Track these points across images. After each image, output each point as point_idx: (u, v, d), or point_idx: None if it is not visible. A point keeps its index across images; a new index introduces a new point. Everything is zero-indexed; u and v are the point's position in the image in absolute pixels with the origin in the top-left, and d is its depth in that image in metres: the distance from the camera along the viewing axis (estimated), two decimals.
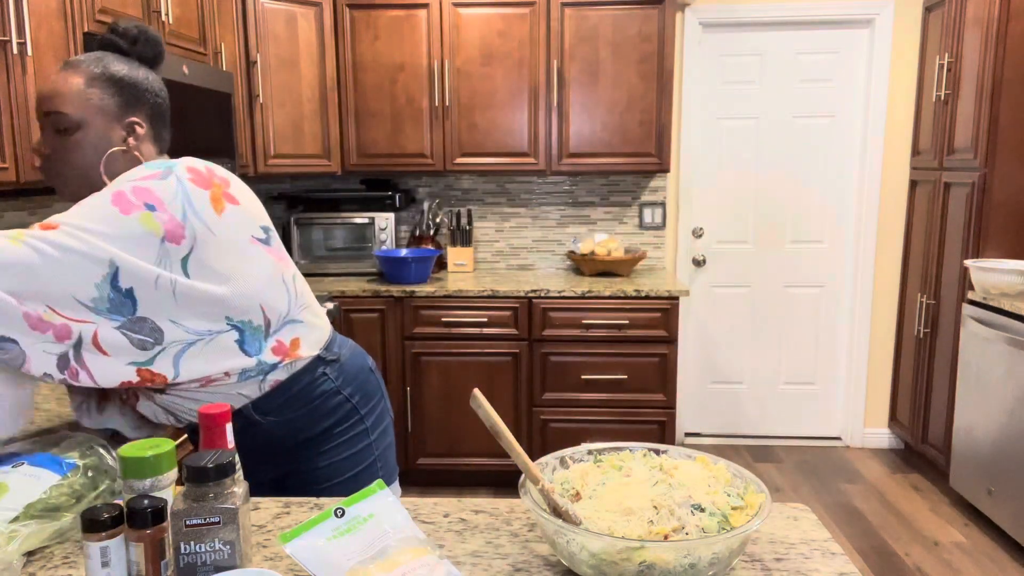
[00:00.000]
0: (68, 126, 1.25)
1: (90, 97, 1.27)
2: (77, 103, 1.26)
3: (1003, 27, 3.03)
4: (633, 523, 0.90)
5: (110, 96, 1.29)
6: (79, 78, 1.27)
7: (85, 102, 1.26)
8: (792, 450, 4.00)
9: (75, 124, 1.26)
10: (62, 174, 1.28)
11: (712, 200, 3.95)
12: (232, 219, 1.21)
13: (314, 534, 0.85)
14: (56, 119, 1.25)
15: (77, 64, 1.27)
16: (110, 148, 1.28)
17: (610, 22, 3.41)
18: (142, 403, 1.27)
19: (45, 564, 0.97)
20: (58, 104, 1.25)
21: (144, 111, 1.32)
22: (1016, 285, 2.95)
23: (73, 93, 1.26)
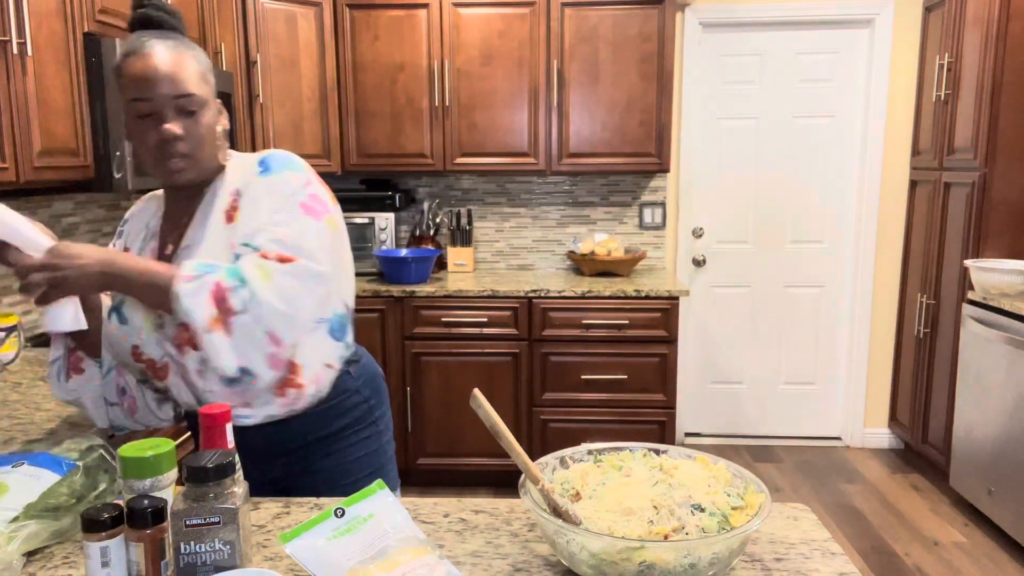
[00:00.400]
0: (196, 107, 1.22)
1: (205, 76, 1.25)
2: (199, 83, 1.23)
3: (1003, 27, 3.03)
4: (633, 523, 0.90)
5: (211, 75, 1.28)
6: (192, 58, 1.24)
7: (204, 82, 1.24)
8: (792, 450, 4.00)
9: (201, 104, 1.23)
10: (192, 156, 1.23)
11: (712, 200, 3.95)
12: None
13: (314, 534, 0.85)
14: (186, 101, 1.21)
15: (184, 44, 1.24)
16: (217, 126, 1.27)
17: (610, 22, 3.41)
18: (172, 379, 1.23)
19: (45, 564, 0.97)
20: (188, 86, 1.21)
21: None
22: (1016, 285, 2.95)
23: (195, 73, 1.23)
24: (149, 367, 1.24)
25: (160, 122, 1.19)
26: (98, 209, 2.71)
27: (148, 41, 1.20)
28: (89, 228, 2.65)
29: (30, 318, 2.34)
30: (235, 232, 1.22)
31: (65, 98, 1.95)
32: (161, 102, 1.19)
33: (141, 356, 1.24)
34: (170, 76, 1.19)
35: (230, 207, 1.25)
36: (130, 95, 1.20)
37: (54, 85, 1.91)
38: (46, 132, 1.87)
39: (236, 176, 1.28)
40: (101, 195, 2.71)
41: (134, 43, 1.22)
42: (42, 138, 1.85)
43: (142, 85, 1.18)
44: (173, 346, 1.18)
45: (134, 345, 1.23)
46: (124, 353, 1.26)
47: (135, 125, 1.21)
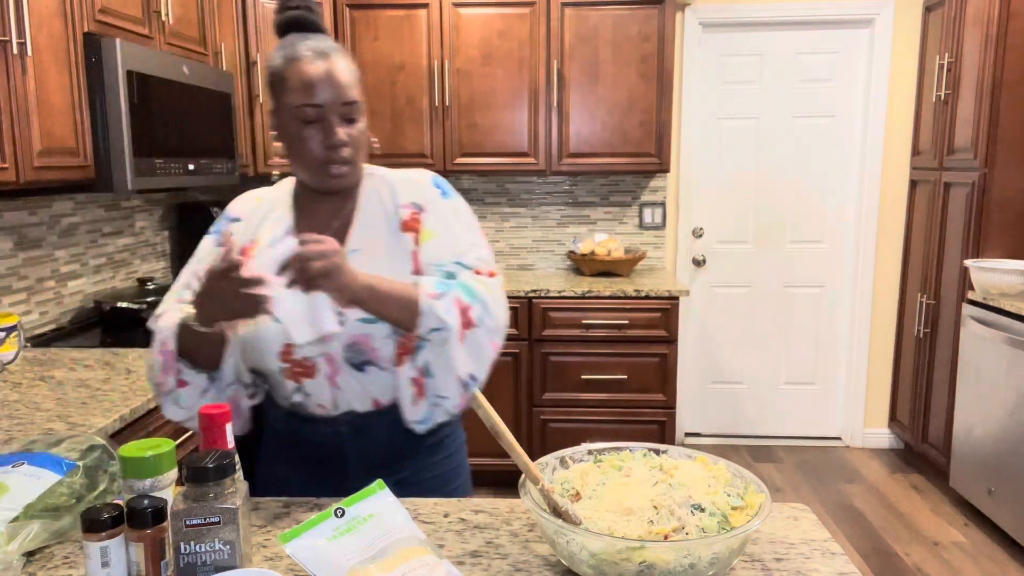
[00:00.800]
0: (357, 114, 1.24)
1: (359, 81, 1.26)
2: (358, 89, 1.24)
3: (1003, 27, 3.03)
4: (633, 523, 0.90)
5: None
6: (350, 64, 1.24)
7: (359, 87, 1.25)
8: (792, 450, 4.00)
9: (361, 111, 1.24)
10: (354, 162, 1.24)
11: (712, 200, 3.95)
12: None
13: (314, 534, 0.85)
14: (350, 108, 1.22)
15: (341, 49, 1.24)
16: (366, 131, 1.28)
17: (610, 22, 3.41)
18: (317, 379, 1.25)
19: (45, 564, 0.97)
20: (352, 92, 1.22)
21: None
22: (1016, 285, 2.95)
23: (355, 79, 1.24)
24: (295, 366, 1.23)
25: (327, 128, 1.20)
26: (98, 209, 2.71)
27: (313, 45, 1.21)
28: (89, 228, 2.65)
29: (30, 318, 2.34)
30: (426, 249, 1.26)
31: (65, 98, 1.95)
32: (329, 109, 1.19)
33: (290, 355, 1.23)
34: (338, 83, 1.19)
35: (410, 219, 1.27)
36: (296, 100, 1.19)
37: (54, 85, 1.91)
38: (46, 132, 1.87)
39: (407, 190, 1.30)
40: (101, 195, 2.72)
41: (296, 48, 1.21)
42: (42, 138, 1.85)
43: (311, 91, 1.18)
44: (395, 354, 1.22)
45: (287, 344, 1.22)
46: (268, 353, 1.23)
47: (296, 130, 1.21)
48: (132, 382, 1.83)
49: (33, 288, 2.36)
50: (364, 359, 1.24)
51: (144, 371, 1.92)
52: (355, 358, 1.23)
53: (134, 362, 2.01)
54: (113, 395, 1.72)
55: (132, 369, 1.94)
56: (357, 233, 1.27)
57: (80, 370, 1.94)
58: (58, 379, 1.86)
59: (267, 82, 1.25)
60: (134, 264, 2.95)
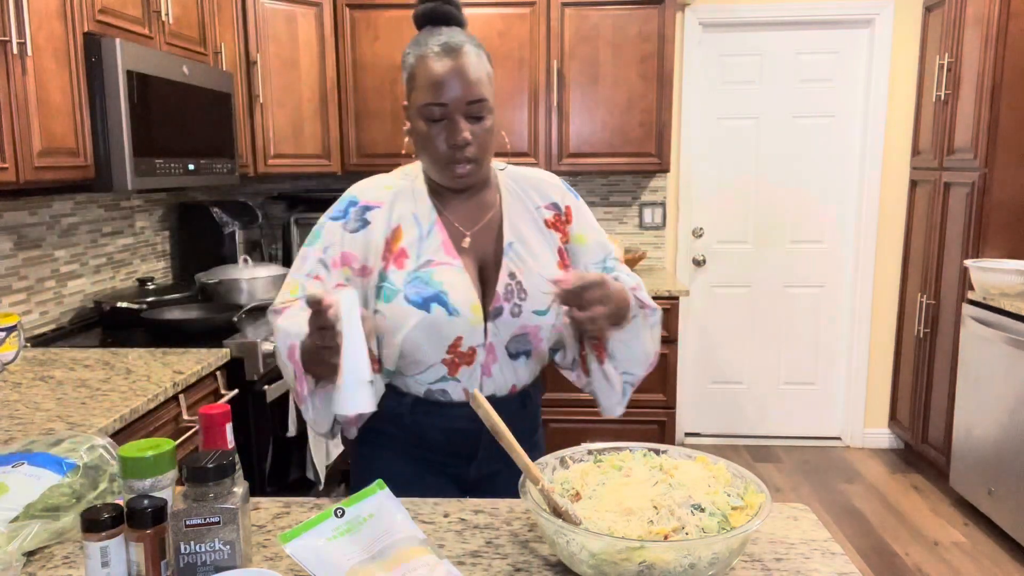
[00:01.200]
0: (485, 112, 1.22)
1: (491, 77, 1.24)
2: (488, 86, 1.22)
3: (1003, 27, 3.03)
4: (633, 523, 0.90)
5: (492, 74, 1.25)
6: (482, 59, 1.22)
7: (490, 83, 1.23)
8: (792, 450, 4.00)
9: (489, 109, 1.22)
10: (478, 160, 1.23)
11: (712, 200, 3.95)
12: None
13: (314, 534, 0.85)
14: (478, 107, 1.20)
15: (475, 43, 1.22)
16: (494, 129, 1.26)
17: (610, 22, 3.41)
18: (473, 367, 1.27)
19: (45, 564, 0.97)
20: (481, 90, 1.20)
21: None
22: (1016, 285, 2.95)
23: (486, 76, 1.21)
24: (457, 356, 1.26)
25: (452, 127, 1.20)
26: (98, 209, 2.71)
27: (444, 41, 1.19)
28: (89, 228, 2.65)
29: (30, 318, 2.34)
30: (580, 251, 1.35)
31: (65, 98, 1.95)
32: (454, 107, 1.19)
33: (458, 347, 1.25)
34: (466, 81, 1.18)
35: (553, 219, 1.34)
36: (422, 99, 1.19)
37: (54, 85, 1.91)
38: (46, 132, 1.87)
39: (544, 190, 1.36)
40: (101, 195, 2.72)
41: (425, 43, 1.21)
42: (42, 138, 1.85)
43: (438, 90, 1.18)
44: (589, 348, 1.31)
45: (458, 336, 1.24)
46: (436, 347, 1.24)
47: (422, 126, 1.21)
48: (132, 382, 1.83)
49: (33, 288, 2.36)
50: (524, 349, 1.30)
51: (143, 371, 1.92)
52: (516, 348, 1.29)
53: (134, 362, 2.01)
54: (113, 395, 1.72)
55: (132, 369, 1.94)
56: (508, 226, 1.31)
57: (80, 370, 1.94)
58: (58, 379, 1.86)
59: (403, 78, 1.25)
60: (134, 264, 2.96)
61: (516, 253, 1.30)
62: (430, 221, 1.29)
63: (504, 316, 1.27)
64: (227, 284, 2.79)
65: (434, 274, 1.25)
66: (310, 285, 1.25)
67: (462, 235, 1.30)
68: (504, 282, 1.27)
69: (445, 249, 1.27)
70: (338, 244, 1.27)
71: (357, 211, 1.29)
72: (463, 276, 1.26)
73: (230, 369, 2.23)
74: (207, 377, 2.09)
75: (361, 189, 1.33)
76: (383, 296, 1.25)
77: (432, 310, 1.22)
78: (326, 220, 1.31)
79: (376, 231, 1.27)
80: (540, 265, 1.30)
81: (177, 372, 1.92)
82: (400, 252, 1.27)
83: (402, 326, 1.23)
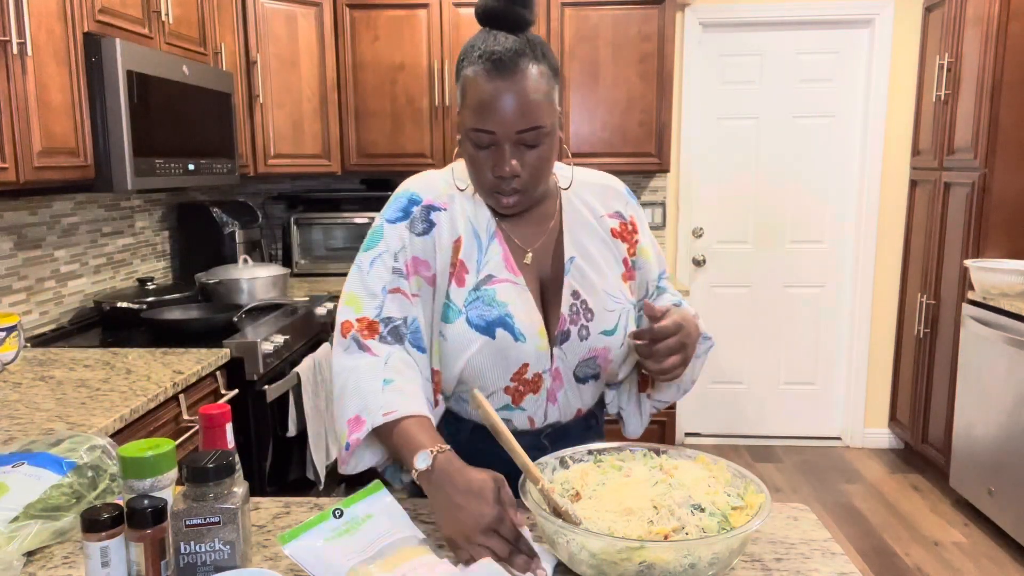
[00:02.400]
0: (541, 138, 1.07)
1: (552, 94, 1.08)
2: (548, 108, 1.07)
3: (1003, 27, 3.03)
4: (633, 523, 0.90)
5: (557, 88, 1.10)
6: (545, 77, 1.06)
7: (551, 102, 1.08)
8: (792, 450, 4.00)
9: (546, 133, 1.08)
10: (526, 190, 1.11)
11: (712, 200, 3.95)
12: None
13: (313, 535, 0.85)
14: (534, 134, 1.06)
15: (537, 55, 1.06)
16: (554, 150, 1.12)
17: (610, 22, 3.41)
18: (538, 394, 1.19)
19: (45, 564, 0.97)
20: (536, 118, 1.05)
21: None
22: (1016, 285, 2.95)
23: (545, 97, 1.06)
24: (522, 384, 1.17)
25: (499, 156, 1.07)
26: (98, 209, 2.71)
27: (499, 56, 1.04)
28: (89, 228, 2.65)
29: (30, 318, 2.34)
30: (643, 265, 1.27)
31: (65, 98, 1.95)
32: (502, 136, 1.05)
33: (523, 375, 1.15)
34: (518, 108, 1.03)
35: (620, 228, 1.24)
36: (470, 122, 1.07)
37: (54, 85, 1.91)
38: (46, 132, 1.87)
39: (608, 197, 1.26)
40: (101, 195, 2.72)
41: (481, 53, 1.05)
42: (42, 138, 1.85)
43: (485, 116, 1.05)
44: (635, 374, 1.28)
45: (524, 363, 1.15)
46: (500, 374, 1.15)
47: (470, 148, 1.10)
48: (132, 382, 1.83)
49: (33, 288, 2.36)
50: (592, 373, 1.22)
51: (145, 372, 1.92)
52: (584, 372, 1.21)
53: (134, 362, 2.01)
54: (113, 395, 1.72)
55: (132, 369, 1.94)
56: (569, 239, 1.21)
57: (80, 370, 1.94)
58: (58, 379, 1.86)
59: (457, 85, 1.12)
60: (134, 264, 2.95)
61: (578, 269, 1.19)
62: (490, 233, 1.17)
63: (572, 340, 1.17)
64: (227, 284, 2.79)
65: (497, 293, 1.14)
66: (390, 302, 1.13)
67: (523, 251, 1.19)
68: (568, 302, 1.17)
69: (507, 265, 1.16)
70: (407, 248, 1.15)
71: (421, 211, 1.16)
72: (527, 296, 1.16)
73: (230, 369, 2.23)
74: (207, 377, 2.09)
75: (422, 186, 1.20)
76: (444, 316, 1.15)
77: (496, 335, 1.12)
78: (383, 222, 1.17)
79: (443, 236, 1.15)
80: (605, 281, 1.20)
81: (177, 372, 1.92)
82: (460, 265, 1.15)
83: (464, 351, 1.13)
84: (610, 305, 1.20)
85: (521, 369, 1.15)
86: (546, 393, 1.19)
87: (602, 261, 1.22)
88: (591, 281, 1.19)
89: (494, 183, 1.10)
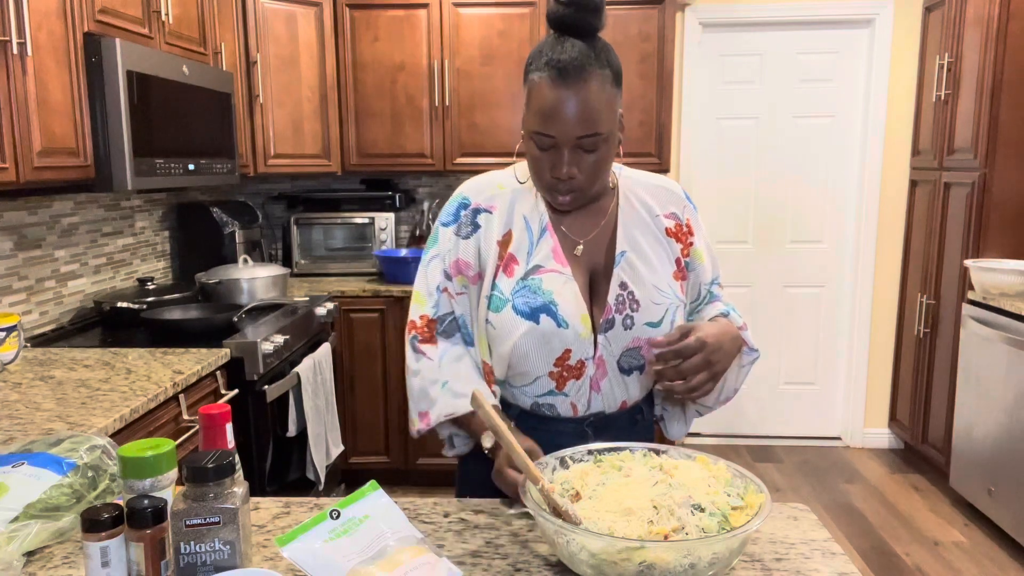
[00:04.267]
0: (600, 144, 1.13)
1: (613, 102, 1.12)
2: (609, 115, 1.11)
3: (1003, 27, 3.03)
4: (633, 523, 0.90)
5: (619, 94, 1.14)
6: (607, 83, 1.11)
7: (611, 110, 1.12)
8: (792, 450, 4.00)
9: (605, 139, 1.13)
10: (582, 191, 1.18)
11: (712, 200, 3.95)
12: None
13: (311, 536, 0.85)
14: (591, 141, 1.11)
15: (600, 63, 1.10)
16: (613, 152, 1.18)
17: (610, 22, 3.38)
18: (581, 381, 1.24)
19: (45, 564, 0.97)
20: (596, 125, 1.10)
21: None
22: (1016, 285, 2.95)
23: (606, 104, 1.11)
24: (565, 370, 1.22)
25: (557, 159, 1.13)
26: (98, 209, 2.71)
27: (565, 64, 1.08)
28: (89, 228, 2.65)
29: (30, 318, 2.34)
30: (697, 268, 1.31)
31: (65, 98, 1.95)
32: (563, 141, 1.11)
33: (567, 360, 1.21)
34: (580, 115, 1.09)
35: (675, 228, 1.29)
36: (533, 125, 1.12)
37: (54, 85, 1.91)
38: (46, 132, 1.87)
39: (664, 197, 1.31)
40: (101, 195, 2.72)
41: (549, 59, 1.10)
42: (42, 138, 1.85)
43: (548, 121, 1.10)
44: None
45: (567, 348, 1.20)
46: (544, 359, 1.21)
47: (533, 148, 1.15)
48: (132, 382, 1.83)
49: (33, 288, 2.36)
50: (637, 364, 1.25)
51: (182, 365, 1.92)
52: (628, 363, 1.24)
53: (134, 362, 2.01)
54: (113, 395, 1.72)
55: (132, 369, 1.94)
56: (622, 234, 1.26)
57: (80, 370, 1.94)
58: (58, 379, 1.86)
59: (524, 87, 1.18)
60: (134, 264, 2.96)
61: (628, 263, 1.24)
62: (541, 225, 1.24)
63: (616, 328, 1.21)
64: (227, 284, 2.79)
65: (543, 283, 1.20)
66: (444, 299, 1.26)
67: (574, 243, 1.25)
68: (615, 292, 1.22)
69: (555, 256, 1.22)
70: (453, 251, 1.25)
71: (468, 214, 1.26)
72: (572, 285, 1.21)
73: (230, 369, 2.23)
74: (207, 377, 2.09)
75: (473, 189, 1.28)
76: (492, 305, 1.23)
77: (541, 321, 1.19)
78: (439, 225, 1.29)
79: (489, 236, 1.24)
80: (654, 275, 1.24)
81: (177, 372, 1.92)
82: (509, 258, 1.23)
83: (510, 336, 1.20)
84: (657, 298, 1.23)
85: (564, 355, 1.21)
86: (589, 381, 1.23)
87: (654, 257, 1.26)
88: (640, 275, 1.24)
89: (552, 183, 1.17)
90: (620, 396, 1.27)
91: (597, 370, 1.23)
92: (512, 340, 1.20)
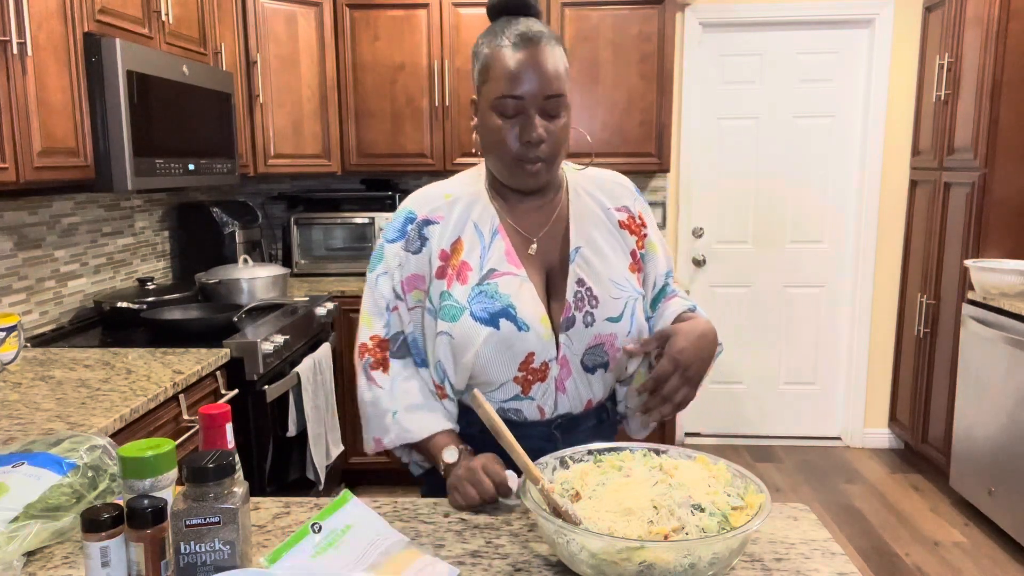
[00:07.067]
0: (561, 109, 1.15)
1: (568, 73, 1.17)
2: (566, 81, 1.15)
3: (1003, 27, 3.03)
4: (633, 523, 0.90)
5: (569, 75, 1.19)
6: (561, 54, 1.15)
7: (568, 80, 1.17)
8: (792, 450, 4.00)
9: (566, 106, 1.16)
10: (550, 160, 1.17)
11: (712, 200, 3.95)
12: None
13: (298, 553, 0.85)
14: (554, 103, 1.14)
15: (554, 37, 1.16)
16: (568, 127, 1.19)
17: (610, 22, 3.41)
18: (546, 383, 1.23)
19: (45, 564, 0.97)
20: (559, 85, 1.13)
21: None
22: (1016, 285, 2.95)
23: (564, 70, 1.15)
24: (530, 373, 1.20)
25: (526, 123, 1.13)
26: (98, 209, 2.71)
27: (522, 31, 1.14)
28: (89, 228, 2.65)
29: (30, 318, 2.34)
30: (651, 260, 1.30)
31: (65, 98, 1.95)
32: (530, 102, 1.12)
33: (530, 364, 1.19)
34: (544, 74, 1.12)
35: (628, 220, 1.29)
36: (496, 91, 1.13)
37: (54, 85, 1.91)
38: (46, 132, 1.87)
39: (616, 192, 1.31)
40: (101, 195, 2.72)
41: (501, 34, 1.16)
42: (42, 138, 1.85)
43: (514, 82, 1.12)
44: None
45: (530, 352, 1.19)
46: (507, 364, 1.19)
47: (494, 121, 1.15)
48: (132, 382, 1.83)
49: (33, 288, 2.36)
50: (600, 362, 1.24)
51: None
52: (592, 361, 1.23)
53: (134, 362, 2.01)
54: (113, 395, 1.72)
55: (132, 369, 1.94)
56: (575, 230, 1.25)
57: (80, 370, 1.94)
58: (58, 379, 1.86)
59: (474, 70, 1.20)
60: (134, 264, 2.96)
61: (584, 258, 1.23)
62: (492, 228, 1.22)
63: (576, 326, 1.20)
64: (227, 284, 2.79)
65: (499, 286, 1.19)
66: (394, 319, 1.24)
67: (527, 242, 1.24)
68: (573, 289, 1.21)
69: (508, 258, 1.21)
70: (404, 267, 1.23)
71: (415, 228, 1.23)
72: (528, 286, 1.20)
73: (230, 369, 2.23)
74: (207, 377, 2.09)
75: (418, 202, 1.26)
76: (448, 315, 1.19)
77: (500, 326, 1.17)
78: (384, 243, 1.25)
79: (437, 247, 1.22)
80: (611, 269, 1.24)
81: (177, 372, 1.92)
82: (462, 265, 1.20)
83: (472, 344, 1.18)
84: (615, 293, 1.23)
85: (527, 358, 1.19)
86: (554, 382, 1.22)
87: (609, 251, 1.25)
88: (596, 270, 1.23)
89: (520, 152, 1.15)
90: (585, 395, 1.26)
91: (561, 370, 1.22)
92: (474, 348, 1.17)
